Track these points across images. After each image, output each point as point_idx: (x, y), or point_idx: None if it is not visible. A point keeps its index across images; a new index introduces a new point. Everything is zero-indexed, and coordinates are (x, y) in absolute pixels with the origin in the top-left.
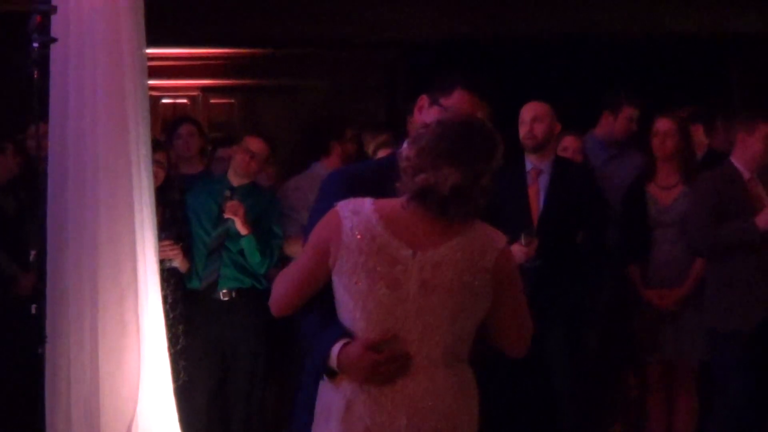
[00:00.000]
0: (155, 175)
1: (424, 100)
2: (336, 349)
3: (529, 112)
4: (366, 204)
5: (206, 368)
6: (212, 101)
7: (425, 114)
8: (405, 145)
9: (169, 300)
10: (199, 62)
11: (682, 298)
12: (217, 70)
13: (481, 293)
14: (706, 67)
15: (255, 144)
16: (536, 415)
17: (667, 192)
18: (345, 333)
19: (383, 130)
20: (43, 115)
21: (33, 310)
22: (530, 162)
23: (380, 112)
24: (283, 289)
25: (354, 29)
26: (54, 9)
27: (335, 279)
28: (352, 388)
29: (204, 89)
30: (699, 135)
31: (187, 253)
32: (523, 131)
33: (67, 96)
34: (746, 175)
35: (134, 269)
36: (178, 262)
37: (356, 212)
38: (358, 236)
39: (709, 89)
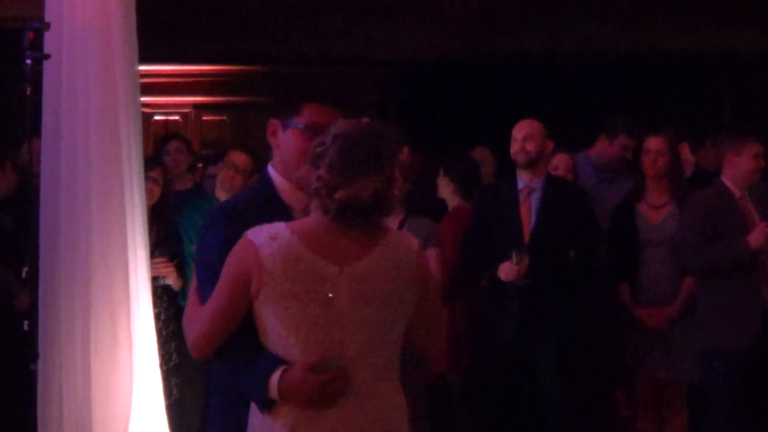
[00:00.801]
0: (150, 192)
1: (275, 125)
2: (276, 377)
3: (520, 129)
4: (281, 228)
5: (199, 386)
6: (204, 118)
7: (281, 138)
8: (306, 166)
9: (162, 317)
10: (191, 79)
11: (672, 316)
12: (209, 87)
13: (408, 298)
14: (698, 85)
15: (238, 158)
16: None
17: (656, 211)
18: (277, 361)
19: None
20: (36, 131)
21: (25, 327)
22: (522, 180)
23: None
24: (202, 329)
25: (346, 47)
26: (47, 26)
27: (260, 308)
28: (294, 414)
29: (196, 106)
30: (685, 153)
31: (181, 271)
32: (514, 148)
33: (59, 112)
34: (737, 193)
35: (126, 286)
36: (172, 280)
37: (274, 237)
38: (281, 261)
39: (701, 108)
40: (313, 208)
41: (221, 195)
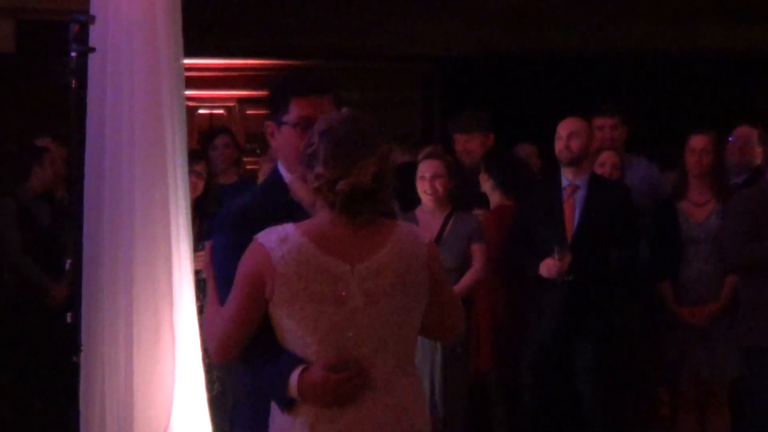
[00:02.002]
0: (194, 186)
1: (270, 126)
2: (295, 376)
3: (565, 127)
4: (290, 230)
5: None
6: (248, 112)
7: (279, 138)
8: (302, 167)
9: (205, 311)
10: (236, 73)
11: (714, 315)
12: (253, 81)
13: (421, 291)
14: (743, 83)
15: None
16: None
17: (699, 209)
18: (296, 360)
19: (424, 142)
20: (80, 124)
21: (68, 319)
22: (566, 178)
23: (416, 124)
24: (223, 334)
25: (390, 42)
26: (92, 19)
27: (275, 310)
28: (313, 412)
29: (240, 100)
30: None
31: None
32: (559, 146)
33: (104, 106)
34: None
35: (170, 279)
36: None
37: (283, 240)
38: (293, 263)
39: (746, 106)
40: (318, 207)
41: None
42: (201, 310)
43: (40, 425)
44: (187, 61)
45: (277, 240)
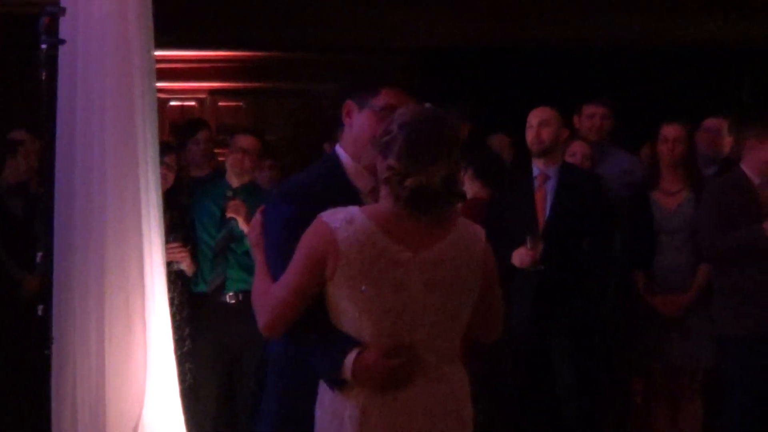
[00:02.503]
0: (164, 178)
1: (350, 105)
2: (351, 358)
3: (536, 116)
4: (356, 212)
5: (213, 371)
6: (220, 104)
7: (357, 119)
8: (375, 153)
9: (176, 302)
10: (207, 65)
11: (687, 304)
12: (225, 72)
13: (473, 287)
14: (717, 75)
15: (245, 141)
16: (541, 421)
17: (671, 197)
18: (352, 342)
19: None
20: (51, 116)
21: (40, 312)
22: (537, 167)
23: None
24: (277, 307)
25: (365, 35)
26: (63, 11)
27: (333, 290)
28: (365, 395)
29: (212, 92)
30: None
31: (194, 256)
32: (530, 136)
33: (75, 98)
34: (756, 181)
35: (141, 271)
36: (186, 265)
37: (350, 222)
38: (357, 245)
39: (718, 97)
40: (383, 195)
41: (233, 180)
42: (172, 302)
43: (11, 418)
44: (158, 52)
45: (342, 221)
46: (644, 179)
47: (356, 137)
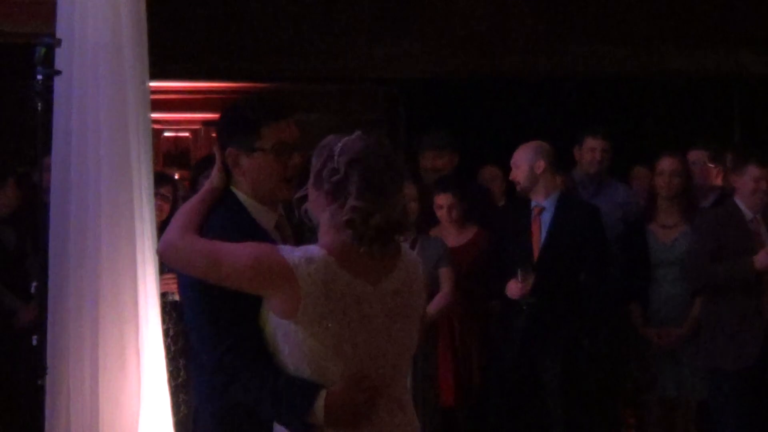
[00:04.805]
0: (160, 209)
1: (234, 153)
2: (321, 401)
3: (512, 157)
4: (314, 250)
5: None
6: (214, 135)
7: (247, 164)
8: (318, 192)
9: (171, 333)
10: (201, 96)
11: (682, 336)
12: (219, 104)
13: (420, 312)
14: (708, 106)
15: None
16: None
17: (668, 231)
18: (314, 385)
19: None
20: (46, 147)
21: (34, 342)
22: (534, 199)
23: None
24: (187, 250)
25: (354, 65)
26: (58, 42)
27: (296, 329)
28: None
29: (206, 123)
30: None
31: None
32: (510, 176)
33: (70, 128)
34: (749, 215)
35: (135, 302)
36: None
37: (309, 260)
38: (321, 283)
39: (712, 129)
40: (325, 230)
41: None
42: (167, 333)
43: None
44: (152, 83)
45: (302, 258)
46: (640, 210)
47: (254, 180)
